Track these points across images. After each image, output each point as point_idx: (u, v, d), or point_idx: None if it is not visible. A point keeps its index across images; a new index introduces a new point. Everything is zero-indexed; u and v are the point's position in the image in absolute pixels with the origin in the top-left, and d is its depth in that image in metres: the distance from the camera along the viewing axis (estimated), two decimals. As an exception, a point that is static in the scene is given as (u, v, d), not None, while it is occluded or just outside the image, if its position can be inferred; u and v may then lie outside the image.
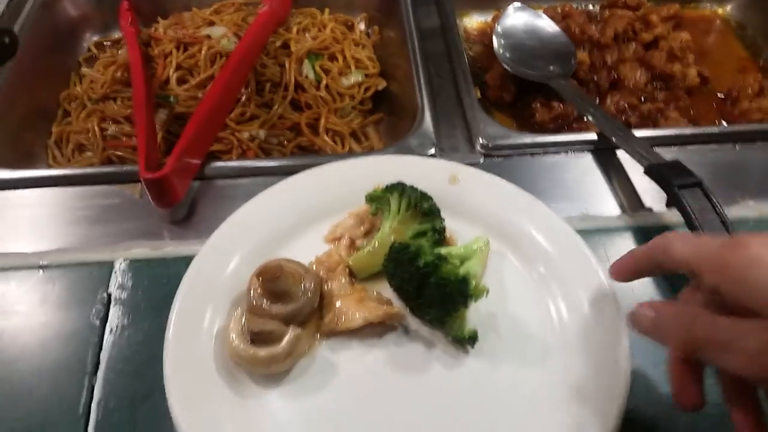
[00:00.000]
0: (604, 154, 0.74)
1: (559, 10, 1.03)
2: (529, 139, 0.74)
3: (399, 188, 0.59)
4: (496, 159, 0.73)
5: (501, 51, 0.89)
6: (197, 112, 0.72)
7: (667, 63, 0.92)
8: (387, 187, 0.60)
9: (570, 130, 0.86)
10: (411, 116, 0.82)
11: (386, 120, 0.91)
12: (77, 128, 0.84)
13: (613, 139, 0.71)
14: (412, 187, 0.60)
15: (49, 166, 0.84)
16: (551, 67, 0.87)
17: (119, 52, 0.95)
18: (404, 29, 0.90)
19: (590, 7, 1.07)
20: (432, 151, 0.72)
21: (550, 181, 0.71)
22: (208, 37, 0.89)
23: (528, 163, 0.73)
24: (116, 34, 1.01)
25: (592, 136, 0.74)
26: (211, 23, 0.93)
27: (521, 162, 0.72)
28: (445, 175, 0.64)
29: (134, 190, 0.70)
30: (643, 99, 0.89)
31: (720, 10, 1.07)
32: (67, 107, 0.89)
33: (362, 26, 1.03)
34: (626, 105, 0.87)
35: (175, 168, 0.64)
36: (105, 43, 1.00)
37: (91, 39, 1.01)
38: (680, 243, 0.41)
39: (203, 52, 0.86)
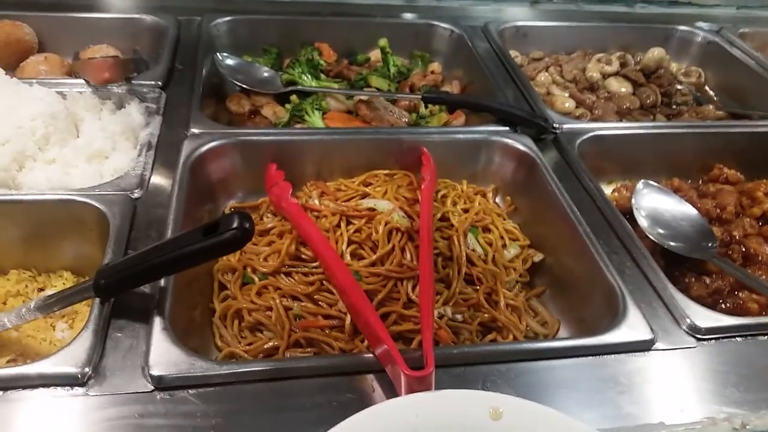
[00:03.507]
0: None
1: (666, 183, 1.11)
2: (738, 321, 0.76)
3: None
4: (708, 342, 0.74)
5: (648, 226, 0.94)
6: (424, 300, 0.70)
7: (788, 238, 0.99)
8: None
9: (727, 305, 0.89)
10: (587, 291, 0.83)
11: (548, 293, 0.91)
12: (249, 306, 0.79)
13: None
14: None
15: (217, 347, 0.78)
16: (707, 243, 0.91)
17: (262, 219, 0.93)
18: (558, 201, 0.92)
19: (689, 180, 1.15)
20: (650, 336, 0.72)
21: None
22: (372, 209, 0.89)
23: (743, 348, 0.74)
24: (252, 199, 0.99)
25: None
26: (365, 195, 0.94)
27: (737, 347, 0.74)
28: (484, 409, 0.57)
29: (364, 382, 0.65)
30: (780, 274, 0.94)
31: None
32: (222, 279, 0.85)
33: (490, 195, 1.06)
34: (771, 280, 0.92)
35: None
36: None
37: (227, 203, 0.98)
38: None
39: (381, 229, 0.85)
